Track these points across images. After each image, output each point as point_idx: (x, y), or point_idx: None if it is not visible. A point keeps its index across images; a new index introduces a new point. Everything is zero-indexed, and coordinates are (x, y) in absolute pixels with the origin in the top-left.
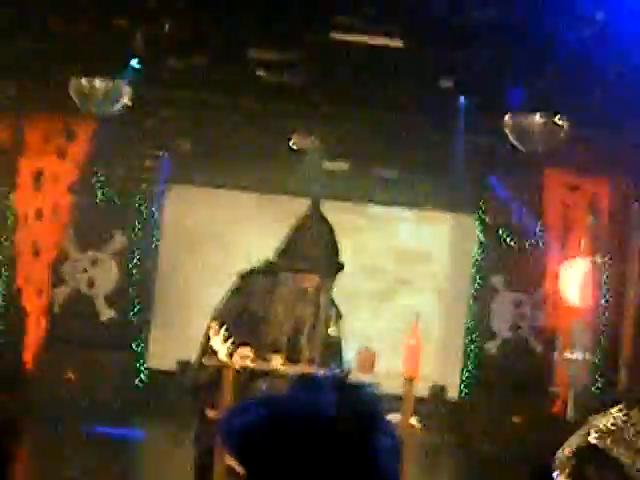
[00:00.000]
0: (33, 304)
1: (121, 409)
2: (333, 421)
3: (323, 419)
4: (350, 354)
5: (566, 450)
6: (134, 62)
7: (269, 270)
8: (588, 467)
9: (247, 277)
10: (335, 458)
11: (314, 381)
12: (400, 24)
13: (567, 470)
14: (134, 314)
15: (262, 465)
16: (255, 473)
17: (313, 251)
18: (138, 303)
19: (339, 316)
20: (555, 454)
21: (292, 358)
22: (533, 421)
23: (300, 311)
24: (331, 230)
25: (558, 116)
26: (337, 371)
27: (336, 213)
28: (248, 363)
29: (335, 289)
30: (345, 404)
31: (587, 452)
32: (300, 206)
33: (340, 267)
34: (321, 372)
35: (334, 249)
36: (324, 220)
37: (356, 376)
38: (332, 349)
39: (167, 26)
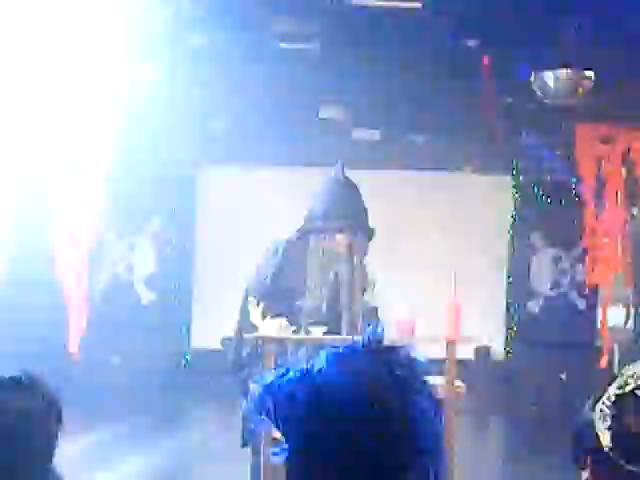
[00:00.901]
0: (74, 292)
1: (168, 388)
2: (370, 385)
3: (359, 384)
4: (390, 320)
5: (604, 400)
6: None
7: (299, 237)
8: (627, 415)
9: (277, 248)
10: (373, 422)
11: (349, 347)
12: None
13: (607, 420)
14: (175, 296)
15: (300, 432)
16: (294, 440)
17: (340, 212)
18: (178, 284)
19: (374, 283)
20: (592, 405)
21: (331, 328)
22: (580, 377)
23: (334, 275)
24: (357, 192)
25: (586, 69)
26: (373, 336)
27: (369, 181)
28: (288, 335)
29: (368, 256)
30: (380, 367)
31: (626, 400)
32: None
33: (371, 231)
34: (357, 338)
35: (362, 210)
36: (349, 182)
37: (396, 341)
38: (370, 316)
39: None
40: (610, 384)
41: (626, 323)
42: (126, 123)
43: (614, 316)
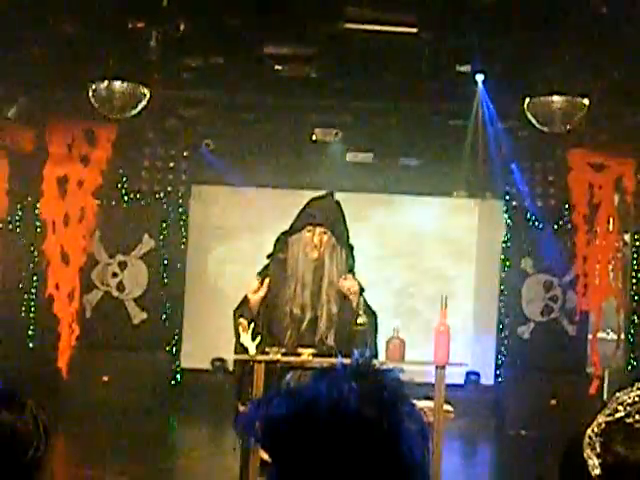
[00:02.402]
0: (65, 310)
1: (156, 409)
2: (356, 408)
3: (345, 406)
4: (380, 343)
5: (594, 427)
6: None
7: (279, 253)
8: (617, 443)
9: (263, 271)
10: (359, 444)
11: (337, 370)
12: (413, 10)
13: (597, 447)
14: (166, 315)
15: (287, 453)
16: (281, 461)
17: (322, 215)
18: (169, 304)
19: (362, 289)
20: (581, 433)
21: (320, 350)
22: (570, 403)
23: (311, 277)
24: (337, 203)
25: (580, 96)
26: (361, 359)
27: (361, 204)
28: (277, 357)
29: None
30: (368, 391)
31: (615, 428)
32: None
33: (351, 247)
34: (345, 361)
35: (338, 215)
36: (329, 196)
37: (385, 364)
38: (361, 338)
39: (182, 26)
40: (600, 412)
41: (617, 350)
42: (119, 141)
43: (604, 343)
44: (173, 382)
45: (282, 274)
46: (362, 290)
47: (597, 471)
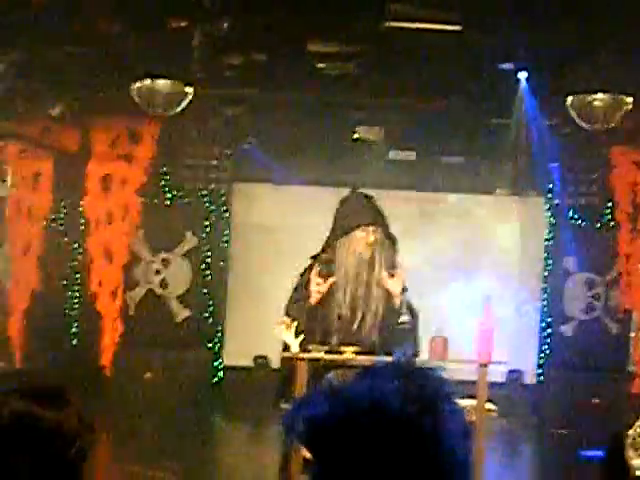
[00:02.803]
0: (108, 307)
1: (199, 406)
2: (398, 407)
3: (387, 405)
4: (423, 341)
5: (637, 428)
6: (194, 62)
7: (323, 254)
8: None
9: (305, 270)
10: (401, 444)
11: (379, 369)
12: (457, 8)
13: (638, 448)
14: (209, 313)
15: (329, 452)
16: (322, 459)
17: (369, 214)
18: (212, 301)
19: (405, 289)
20: (624, 433)
21: (363, 348)
22: (612, 402)
23: (357, 276)
24: (371, 199)
25: (623, 94)
26: (403, 357)
27: (403, 202)
28: (320, 355)
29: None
30: (410, 390)
31: None
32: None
33: (395, 240)
34: (388, 359)
35: (379, 212)
36: (363, 194)
37: (428, 362)
38: (403, 336)
39: (225, 25)
40: None
41: None
42: (162, 139)
43: None
44: (215, 380)
45: (328, 276)
46: (404, 289)
47: (639, 472)
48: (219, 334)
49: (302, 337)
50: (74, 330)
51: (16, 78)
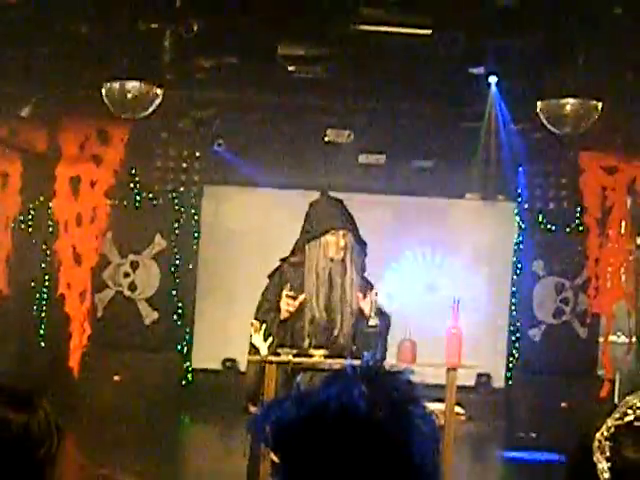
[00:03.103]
0: (76, 310)
1: (167, 409)
2: (366, 412)
3: (355, 411)
4: (392, 345)
5: (604, 431)
6: (164, 63)
7: (292, 258)
8: (626, 447)
9: (275, 273)
10: (369, 448)
11: (347, 373)
12: (427, 12)
13: (606, 451)
14: (178, 315)
15: (297, 456)
16: (290, 464)
17: (340, 218)
18: (181, 304)
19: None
20: (590, 436)
21: (332, 351)
22: (581, 406)
23: (329, 280)
24: (342, 203)
25: (593, 99)
26: (371, 361)
27: (373, 206)
28: (289, 358)
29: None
30: (378, 393)
31: (625, 432)
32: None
33: (364, 245)
34: (355, 363)
35: (349, 216)
36: (333, 198)
37: (396, 366)
38: (372, 340)
39: (196, 27)
40: (609, 415)
41: (628, 353)
42: (131, 141)
43: (616, 346)
44: (184, 382)
45: (298, 279)
46: (372, 288)
47: (606, 475)
48: (188, 337)
49: (271, 340)
50: (42, 332)
51: None
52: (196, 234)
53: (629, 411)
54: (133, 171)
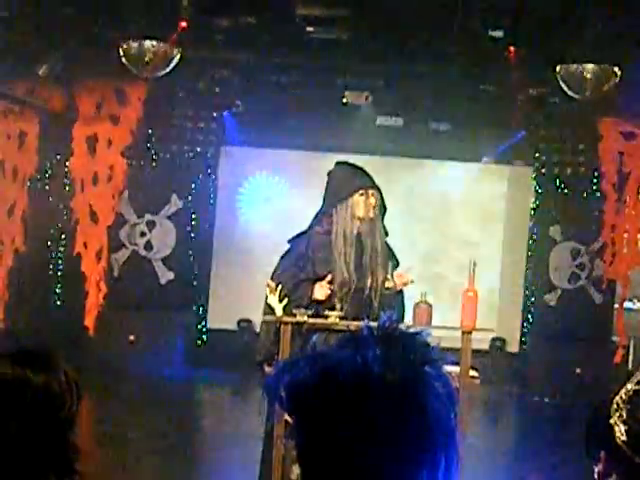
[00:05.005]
0: (92, 269)
1: (183, 369)
2: (380, 373)
3: (369, 372)
4: (407, 307)
5: (622, 395)
6: (183, 23)
7: (317, 226)
8: None
9: (295, 238)
10: (384, 409)
11: (362, 335)
12: None
13: (623, 414)
14: (193, 276)
15: (310, 417)
16: (304, 424)
17: (355, 176)
18: (197, 265)
19: (395, 265)
20: (608, 400)
21: (349, 312)
22: (595, 371)
23: (357, 241)
24: (363, 169)
25: (611, 64)
26: (387, 322)
27: (391, 168)
28: (304, 319)
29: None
30: (393, 355)
31: None
32: (355, 162)
33: (385, 210)
34: (372, 324)
35: (373, 180)
36: (353, 164)
37: (412, 327)
38: (389, 302)
39: None
40: (628, 380)
41: None
42: (147, 103)
43: (631, 312)
44: (199, 342)
45: (324, 243)
46: (393, 255)
47: (623, 437)
48: (203, 297)
49: (286, 301)
50: (58, 291)
51: (0, 36)
52: (213, 195)
53: None
54: (150, 131)
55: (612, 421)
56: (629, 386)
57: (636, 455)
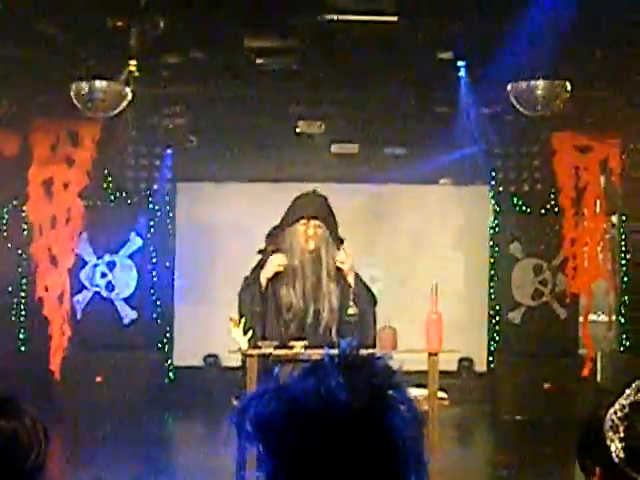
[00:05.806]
0: (55, 312)
1: (151, 408)
2: (345, 402)
3: (334, 401)
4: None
5: (617, 411)
6: (132, 62)
7: (270, 247)
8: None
9: (256, 266)
10: (351, 438)
11: (324, 363)
12: None
13: (620, 430)
14: (157, 314)
15: (278, 449)
16: (273, 456)
17: (314, 208)
18: (159, 302)
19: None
20: (601, 415)
21: (313, 342)
22: (564, 386)
23: (312, 271)
24: (325, 199)
25: (563, 79)
26: (348, 349)
27: (348, 195)
28: (269, 351)
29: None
30: (356, 380)
31: (638, 411)
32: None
33: (340, 240)
34: (333, 352)
35: (328, 211)
36: (317, 194)
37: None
38: (350, 329)
39: (162, 23)
40: (602, 394)
41: (608, 331)
42: (101, 142)
43: (596, 325)
44: (167, 380)
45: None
46: (358, 277)
47: (621, 454)
48: (168, 335)
49: (250, 334)
50: (22, 336)
51: None
52: (172, 231)
53: None
54: (106, 171)
55: (608, 438)
56: (622, 401)
57: (634, 472)
